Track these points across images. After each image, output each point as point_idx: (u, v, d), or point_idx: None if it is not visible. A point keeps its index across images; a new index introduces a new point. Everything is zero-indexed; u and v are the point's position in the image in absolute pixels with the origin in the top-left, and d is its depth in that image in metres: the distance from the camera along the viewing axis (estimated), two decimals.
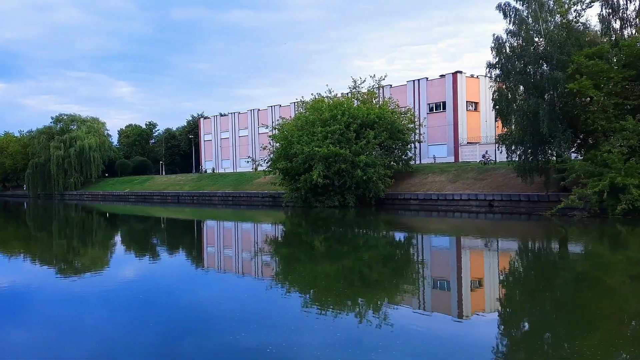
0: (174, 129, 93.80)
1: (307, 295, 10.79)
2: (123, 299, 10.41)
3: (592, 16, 75.73)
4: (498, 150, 32.24)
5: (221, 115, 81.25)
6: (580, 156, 27.71)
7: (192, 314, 9.13)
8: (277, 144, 38.55)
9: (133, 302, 10.16)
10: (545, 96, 26.25)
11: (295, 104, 64.31)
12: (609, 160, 22.97)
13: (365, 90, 41.63)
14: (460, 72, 50.54)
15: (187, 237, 25.54)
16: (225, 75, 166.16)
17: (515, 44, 27.05)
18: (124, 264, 16.00)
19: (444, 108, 51.31)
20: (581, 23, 26.87)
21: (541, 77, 25.63)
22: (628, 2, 26.04)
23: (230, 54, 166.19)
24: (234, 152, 77.28)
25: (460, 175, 36.31)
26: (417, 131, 40.34)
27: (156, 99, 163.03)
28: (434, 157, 48.34)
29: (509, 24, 27.08)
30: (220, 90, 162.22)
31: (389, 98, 40.88)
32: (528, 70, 26.70)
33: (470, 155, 46.60)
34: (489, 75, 28.19)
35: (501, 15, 27.25)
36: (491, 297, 10.79)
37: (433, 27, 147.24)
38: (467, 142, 49.33)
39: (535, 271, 13.58)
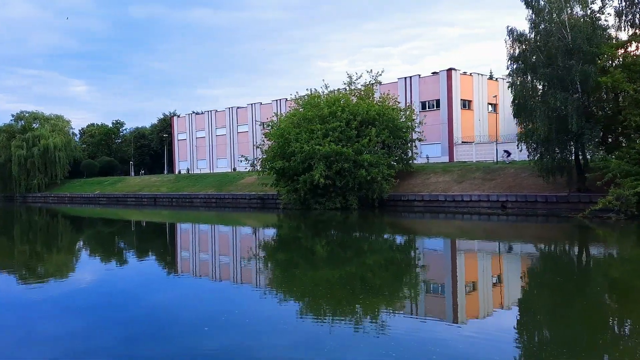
0: (139, 127, 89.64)
1: (297, 301, 10.26)
2: (82, 304, 10.11)
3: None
4: (518, 148, 30.50)
5: (196, 113, 77.51)
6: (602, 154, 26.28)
7: (154, 317, 8.89)
8: (270, 142, 35.96)
9: (93, 307, 9.84)
10: (571, 91, 24.65)
11: (277, 102, 62.11)
12: None
13: (362, 86, 39.45)
14: (454, 69, 48.98)
15: (177, 242, 22.86)
16: (186, 74, 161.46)
17: (537, 36, 25.40)
18: (90, 269, 15.13)
19: (438, 106, 49.64)
20: (608, 14, 25.43)
21: (569, 71, 23.93)
22: None
23: (191, 53, 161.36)
24: (211, 151, 73.76)
25: (466, 175, 34.58)
26: (416, 129, 38.40)
27: (113, 98, 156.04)
28: (427, 157, 46.59)
29: (532, 14, 25.42)
30: (180, 90, 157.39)
31: (388, 94, 38.76)
32: (553, 63, 25.03)
33: (466, 154, 45.08)
34: (510, 68, 26.40)
35: (523, 5, 25.60)
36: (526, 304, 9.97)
37: (395, 29, 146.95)
38: (462, 142, 47.84)
39: (579, 277, 12.25)
